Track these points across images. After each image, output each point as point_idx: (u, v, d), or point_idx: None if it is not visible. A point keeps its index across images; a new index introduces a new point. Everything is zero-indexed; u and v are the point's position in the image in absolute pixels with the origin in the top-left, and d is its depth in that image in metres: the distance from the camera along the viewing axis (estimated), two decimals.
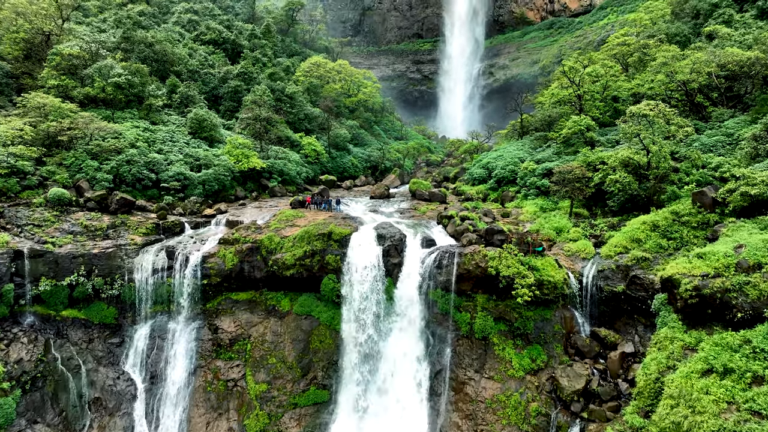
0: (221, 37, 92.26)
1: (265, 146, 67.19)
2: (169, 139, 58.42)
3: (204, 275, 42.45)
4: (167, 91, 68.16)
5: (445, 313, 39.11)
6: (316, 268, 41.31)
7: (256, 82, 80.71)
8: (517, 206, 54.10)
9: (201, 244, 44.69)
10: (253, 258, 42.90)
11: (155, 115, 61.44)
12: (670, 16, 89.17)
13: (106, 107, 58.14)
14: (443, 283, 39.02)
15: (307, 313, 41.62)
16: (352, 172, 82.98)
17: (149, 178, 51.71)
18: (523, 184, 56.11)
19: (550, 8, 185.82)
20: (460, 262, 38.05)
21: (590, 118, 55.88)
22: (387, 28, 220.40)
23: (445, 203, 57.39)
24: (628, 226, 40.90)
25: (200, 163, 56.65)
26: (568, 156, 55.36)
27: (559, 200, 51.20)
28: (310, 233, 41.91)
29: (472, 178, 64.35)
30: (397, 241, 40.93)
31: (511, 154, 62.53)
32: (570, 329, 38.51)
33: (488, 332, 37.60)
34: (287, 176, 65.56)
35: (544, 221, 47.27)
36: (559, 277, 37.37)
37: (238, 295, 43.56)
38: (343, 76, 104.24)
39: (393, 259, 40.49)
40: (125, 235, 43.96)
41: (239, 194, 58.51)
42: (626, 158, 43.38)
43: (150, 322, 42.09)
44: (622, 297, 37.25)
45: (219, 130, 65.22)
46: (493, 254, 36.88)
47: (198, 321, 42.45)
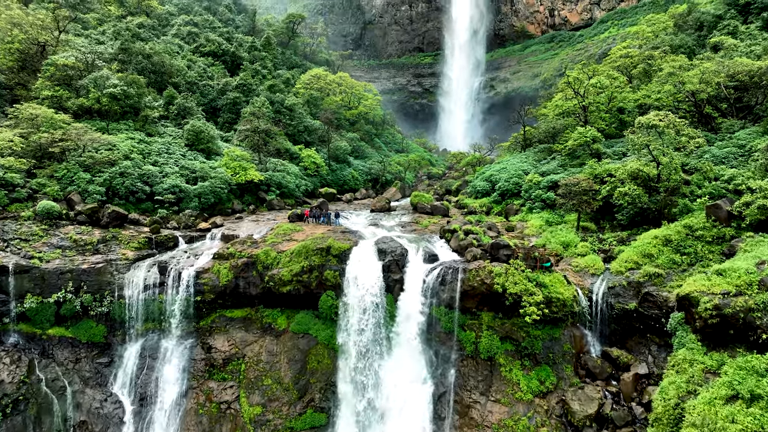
0: (220, 49, 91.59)
1: (264, 158, 65.89)
2: (164, 151, 57.10)
3: (197, 291, 40.75)
4: (164, 102, 67.08)
5: (448, 332, 37.33)
6: (314, 284, 39.63)
7: (255, 94, 79.71)
8: (521, 220, 52.52)
9: (195, 259, 43.07)
10: (249, 274, 41.24)
11: (151, 126, 60.20)
12: (672, 29, 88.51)
13: (101, 118, 56.93)
14: (447, 300, 37.30)
15: (304, 332, 39.84)
16: (352, 185, 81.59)
17: (143, 190, 50.26)
18: (527, 197, 54.59)
19: (550, 22, 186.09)
20: (465, 279, 36.37)
21: (596, 129, 54.52)
22: (388, 41, 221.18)
23: (448, 217, 55.83)
24: (639, 241, 39.28)
25: (196, 176, 55.25)
26: (573, 168, 53.93)
27: (565, 213, 49.68)
28: (308, 248, 40.31)
29: (475, 190, 62.85)
30: (399, 256, 39.31)
31: (515, 167, 61.11)
32: (580, 349, 36.71)
33: (494, 352, 35.78)
34: (286, 189, 64.12)
35: (550, 235, 45.63)
36: (568, 295, 35.65)
37: (232, 313, 41.81)
38: (343, 89, 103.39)
39: (394, 275, 38.81)
40: (116, 249, 42.38)
41: (236, 207, 57.01)
42: (635, 170, 41.88)
43: (140, 340, 40.30)
44: (634, 315, 35.51)
45: (216, 142, 63.96)
46: (499, 270, 35.21)
47: (191, 339, 40.65)
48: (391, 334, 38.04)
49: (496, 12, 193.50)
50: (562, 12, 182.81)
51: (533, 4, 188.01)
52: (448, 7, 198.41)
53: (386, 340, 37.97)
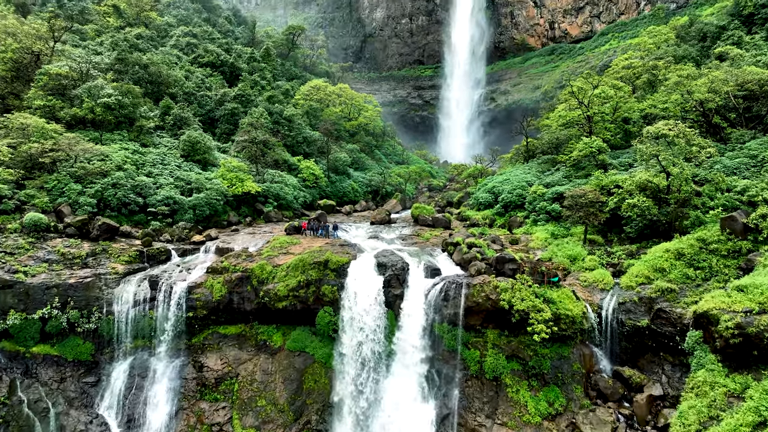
0: (219, 60, 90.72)
1: (261, 170, 64.51)
2: (159, 161, 55.74)
3: (189, 307, 39.06)
4: (160, 112, 65.90)
5: (452, 350, 35.55)
6: (311, 299, 37.96)
7: (254, 105, 78.60)
8: (526, 232, 50.94)
9: (187, 273, 41.44)
10: (243, 288, 39.58)
11: (146, 137, 58.91)
12: (674, 40, 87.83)
13: (94, 129, 55.67)
14: (450, 317, 35.57)
15: (300, 350, 38.06)
16: (352, 196, 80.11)
17: (136, 202, 48.75)
18: (532, 209, 53.07)
19: (550, 35, 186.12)
20: (469, 294, 34.70)
21: (601, 140, 53.16)
22: (388, 54, 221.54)
23: (450, 229, 54.29)
24: (650, 254, 37.70)
25: (191, 187, 53.78)
26: (578, 179, 52.52)
27: (571, 226, 48.13)
28: (305, 262, 38.71)
29: (478, 202, 61.34)
30: (399, 270, 37.67)
31: (518, 178, 59.70)
32: (590, 368, 34.93)
33: (500, 372, 33.98)
34: (283, 201, 62.61)
35: (556, 248, 44.04)
36: (578, 311, 33.95)
37: (226, 329, 40.08)
38: (343, 100, 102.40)
39: (395, 290, 37.14)
40: (106, 263, 40.74)
41: (232, 219, 55.46)
42: (644, 181, 40.43)
43: (129, 358, 38.50)
44: (646, 332, 33.88)
45: (213, 152, 62.63)
46: (504, 285, 33.54)
47: (182, 357, 38.86)
48: (391, 352, 36.26)
49: (496, 25, 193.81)
50: (562, 25, 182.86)
51: (533, 17, 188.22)
52: (448, 21, 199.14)
53: (386, 358, 36.19)
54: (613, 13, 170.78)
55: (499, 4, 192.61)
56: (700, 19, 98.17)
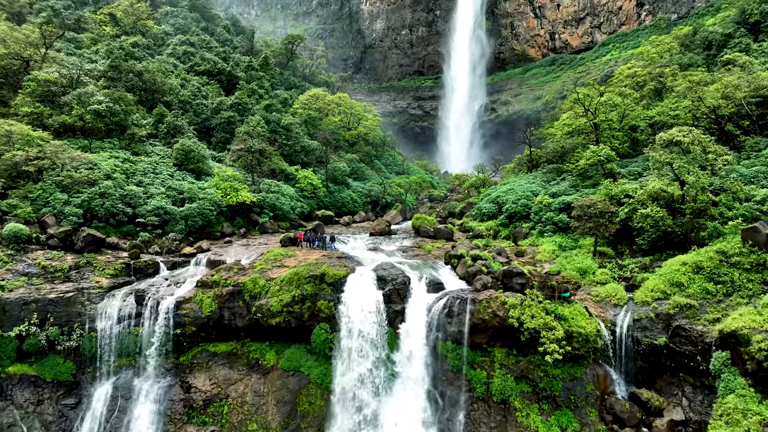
0: (216, 68, 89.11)
1: (257, 179, 62.51)
2: (151, 170, 53.76)
3: (177, 323, 36.79)
4: (154, 120, 64.06)
5: (456, 370, 33.19)
6: (306, 315, 35.70)
7: (251, 113, 76.85)
8: (532, 244, 48.81)
9: (176, 287, 39.22)
10: (235, 304, 37.34)
11: (138, 145, 56.98)
12: (678, 48, 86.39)
13: (84, 137, 53.76)
14: (454, 335, 33.28)
15: (295, 369, 35.70)
16: (351, 207, 78.02)
17: (125, 212, 46.68)
18: (537, 219, 50.97)
19: (551, 45, 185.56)
20: (474, 310, 32.43)
21: (609, 148, 51.22)
22: (388, 65, 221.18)
23: (452, 240, 52.18)
24: (665, 268, 35.55)
25: (184, 197, 51.74)
26: (586, 189, 50.51)
27: (579, 237, 46.02)
28: (300, 275, 36.51)
29: (481, 213, 59.25)
30: (400, 284, 35.44)
31: (523, 188, 57.68)
32: (604, 390, 32.60)
33: (508, 394, 31.60)
34: (280, 211, 60.50)
35: (565, 261, 41.87)
36: (591, 329, 31.69)
37: (216, 347, 37.76)
38: (342, 109, 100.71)
39: (395, 306, 34.90)
40: (90, 276, 38.55)
41: (226, 231, 53.29)
42: (657, 190, 38.39)
43: (113, 378, 36.12)
44: (664, 351, 31.69)
45: (207, 161, 60.68)
46: (513, 301, 31.27)
47: (169, 377, 36.48)
48: (392, 372, 33.92)
49: (496, 35, 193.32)
50: (562, 35, 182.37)
51: (534, 28, 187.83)
52: (448, 32, 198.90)
53: (386, 379, 33.84)
54: (613, 24, 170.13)
55: (499, 15, 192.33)
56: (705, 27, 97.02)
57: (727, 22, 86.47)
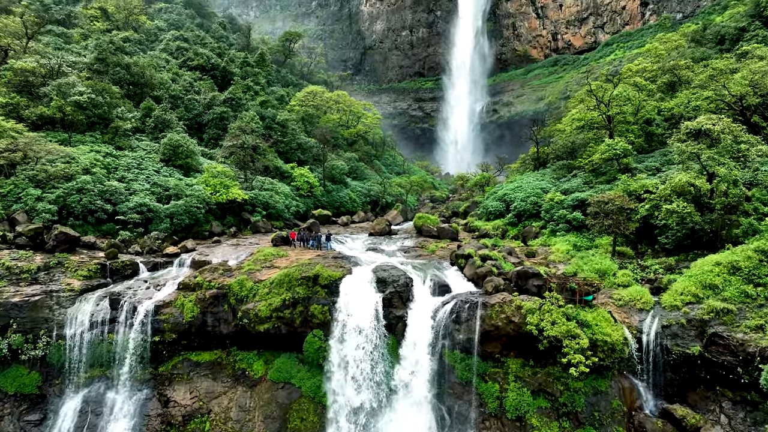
0: (210, 63, 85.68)
1: (250, 176, 59.04)
2: (135, 166, 50.29)
3: (156, 330, 33.21)
4: (141, 114, 60.62)
5: (465, 383, 29.62)
6: (298, 321, 32.17)
7: (245, 109, 73.45)
8: (543, 244, 45.36)
9: (156, 290, 35.67)
10: (219, 308, 33.80)
11: (122, 139, 53.53)
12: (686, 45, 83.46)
13: (65, 129, 50.30)
14: (463, 343, 29.74)
15: (285, 381, 32.11)
16: (349, 207, 74.50)
17: (104, 209, 43.14)
18: (549, 217, 47.50)
19: (553, 46, 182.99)
20: (486, 316, 28.90)
21: (626, 141, 47.82)
22: (388, 66, 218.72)
23: (457, 240, 48.68)
24: (696, 269, 32.14)
25: (170, 194, 48.24)
26: (601, 186, 47.09)
27: (595, 237, 42.69)
28: (291, 277, 33.00)
29: (487, 211, 55.77)
30: (402, 286, 31.91)
31: (532, 185, 54.24)
32: (631, 405, 29.05)
33: (525, 410, 28.01)
34: (273, 210, 56.98)
35: (581, 262, 38.37)
36: (617, 337, 28.17)
37: (199, 356, 34.16)
38: (341, 107, 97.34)
39: (396, 311, 31.38)
40: (60, 278, 34.99)
41: (215, 230, 49.75)
42: (684, 184, 34.91)
43: (83, 391, 32.47)
44: (698, 362, 28.27)
45: (196, 157, 57.20)
46: (531, 306, 27.73)
47: (146, 390, 32.86)
48: (393, 385, 30.35)
49: (498, 36, 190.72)
50: (565, 36, 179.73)
51: (536, 29, 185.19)
52: (449, 33, 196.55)
53: (387, 392, 30.27)
54: (617, 24, 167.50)
55: (500, 16, 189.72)
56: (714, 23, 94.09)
57: (739, 17, 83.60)
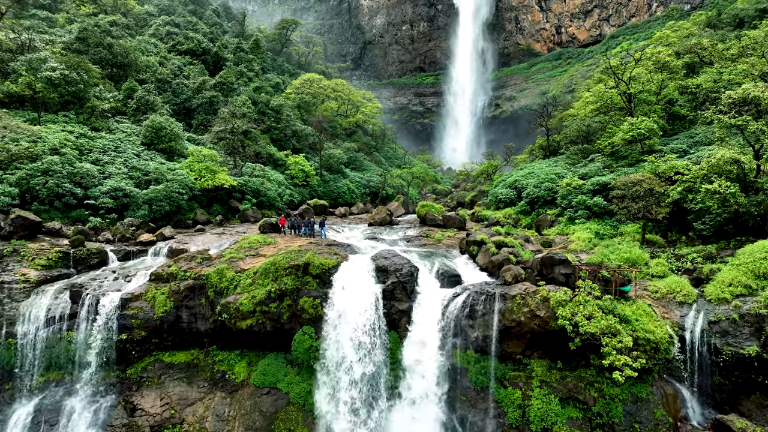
0: (200, 48, 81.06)
1: (240, 163, 54.67)
2: (112, 148, 45.93)
3: (123, 327, 28.85)
4: (123, 96, 56.22)
5: (481, 389, 25.22)
6: (286, 316, 27.82)
7: (237, 94, 69.03)
8: (561, 232, 40.99)
9: (125, 281, 31.31)
10: (195, 301, 29.43)
11: (100, 121, 49.14)
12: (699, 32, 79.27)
13: (35, 108, 45.94)
14: (478, 342, 25.35)
15: (270, 386, 27.74)
16: (347, 198, 70.08)
17: (73, 193, 38.75)
18: (566, 204, 43.12)
19: (557, 39, 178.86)
20: (505, 309, 24.50)
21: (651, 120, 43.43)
22: (388, 61, 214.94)
23: (465, 229, 44.30)
24: (744, 256, 27.72)
25: (149, 178, 43.89)
26: (624, 169, 42.74)
27: (618, 223, 38.37)
28: (278, 265, 28.62)
29: (497, 200, 51.36)
30: (406, 276, 27.48)
31: (545, 171, 49.89)
32: (675, 415, 24.65)
33: (552, 421, 23.61)
34: (265, 198, 52.59)
35: (607, 251, 33.89)
36: (662, 334, 23.77)
37: (173, 356, 29.80)
38: (339, 95, 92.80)
39: (399, 304, 26.98)
40: (14, 268, 30.61)
41: (200, 218, 45.41)
42: (728, 161, 30.53)
43: (37, 398, 28.09)
44: (755, 364, 23.87)
45: (181, 141, 52.80)
46: (560, 297, 23.23)
47: (110, 396, 28.47)
48: (395, 390, 26.00)
49: (500, 30, 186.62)
50: (569, 29, 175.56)
51: (539, 22, 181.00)
52: (450, 27, 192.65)
53: (388, 398, 25.92)
54: (623, 16, 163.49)
55: (503, 9, 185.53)
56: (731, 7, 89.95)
57: None
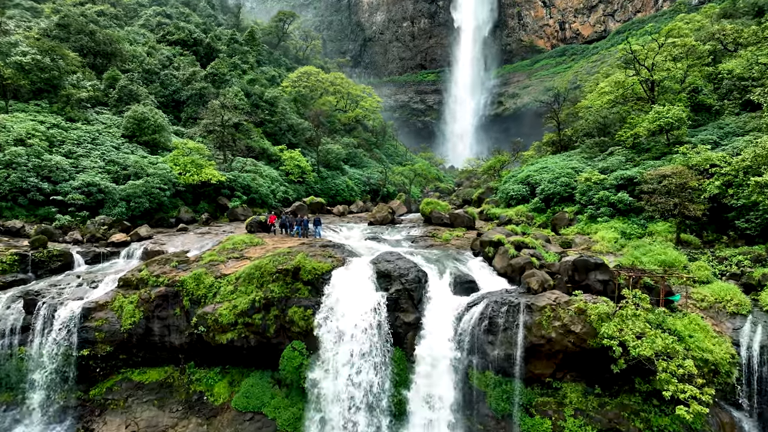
0: (192, 38, 76.96)
1: (230, 157, 50.72)
2: (89, 140, 41.98)
3: (85, 341, 24.91)
4: (105, 86, 52.26)
5: (502, 417, 21.22)
6: (272, 330, 23.87)
7: (229, 86, 65.07)
8: (581, 232, 37.02)
9: (90, 287, 27.36)
10: (169, 311, 25.47)
11: (76, 110, 45.14)
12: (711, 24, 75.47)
13: (3, 96, 41.96)
14: (498, 362, 21.35)
15: (255, 410, 23.78)
16: (346, 195, 66.09)
17: (40, 188, 34.82)
18: (586, 201, 39.13)
19: (561, 36, 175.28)
20: (532, 323, 20.51)
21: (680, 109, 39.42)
22: (389, 59, 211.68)
23: (475, 229, 40.34)
24: None
25: (128, 173, 39.94)
26: (649, 162, 38.77)
27: (646, 222, 34.42)
28: (264, 270, 24.68)
29: (507, 197, 47.39)
30: (413, 282, 23.48)
31: (559, 165, 45.95)
32: None
33: None
34: (256, 195, 48.61)
35: (637, 252, 29.87)
36: (722, 354, 19.79)
37: (143, 375, 25.85)
38: (338, 88, 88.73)
39: (405, 316, 22.99)
40: None
41: (184, 216, 41.45)
42: None
43: None
44: None
45: (166, 134, 48.83)
46: (603, 309, 19.14)
47: (68, 421, 24.52)
48: (402, 418, 22.05)
49: (502, 26, 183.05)
50: (573, 25, 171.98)
51: (542, 18, 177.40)
52: (451, 23, 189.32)
53: (392, 425, 21.97)
54: (628, 11, 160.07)
55: (505, 5, 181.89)
56: None
57: None
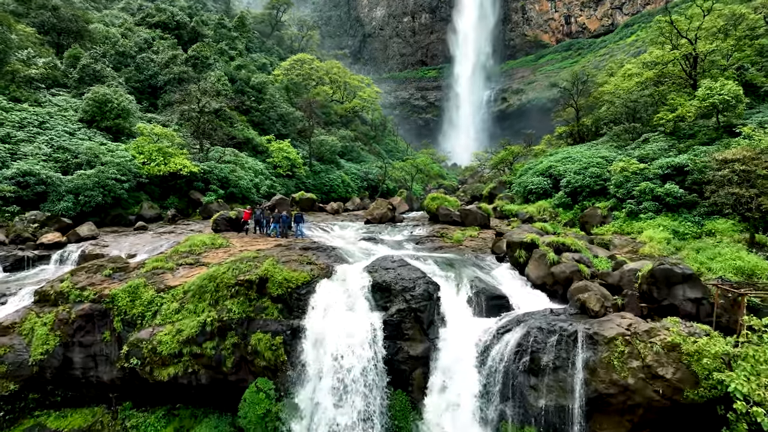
0: (174, 21, 70.54)
1: (208, 147, 44.40)
2: (35, 123, 35.65)
3: None
4: (66, 65, 45.95)
5: None
6: (230, 363, 17.48)
7: (212, 70, 58.75)
8: (618, 231, 30.67)
9: None
10: (94, 336, 19.09)
11: (24, 90, 38.86)
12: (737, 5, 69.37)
13: None
14: (546, 414, 14.92)
15: None
16: (341, 192, 59.64)
17: None
18: (624, 194, 32.72)
19: (566, 30, 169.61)
20: (597, 363, 14.05)
21: (736, 84, 33.12)
22: (389, 55, 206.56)
23: (490, 227, 34.01)
24: None
25: (79, 161, 33.61)
26: (700, 148, 32.44)
27: (702, 219, 28.13)
28: (220, 281, 18.29)
29: (525, 191, 41.03)
30: (421, 298, 17.00)
31: (586, 155, 39.64)
32: None
33: None
34: (236, 189, 42.20)
35: (700, 256, 23.52)
36: None
37: (63, 420, 19.43)
38: (334, 77, 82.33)
39: (411, 346, 16.55)
40: None
41: (147, 213, 35.07)
42: None
43: None
44: None
45: (133, 119, 42.48)
46: (717, 347, 12.65)
47: None
48: None
49: (506, 21, 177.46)
50: (579, 18, 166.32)
51: (547, 11, 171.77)
52: (453, 18, 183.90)
53: None
54: (637, 4, 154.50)
55: None
56: None
57: None
